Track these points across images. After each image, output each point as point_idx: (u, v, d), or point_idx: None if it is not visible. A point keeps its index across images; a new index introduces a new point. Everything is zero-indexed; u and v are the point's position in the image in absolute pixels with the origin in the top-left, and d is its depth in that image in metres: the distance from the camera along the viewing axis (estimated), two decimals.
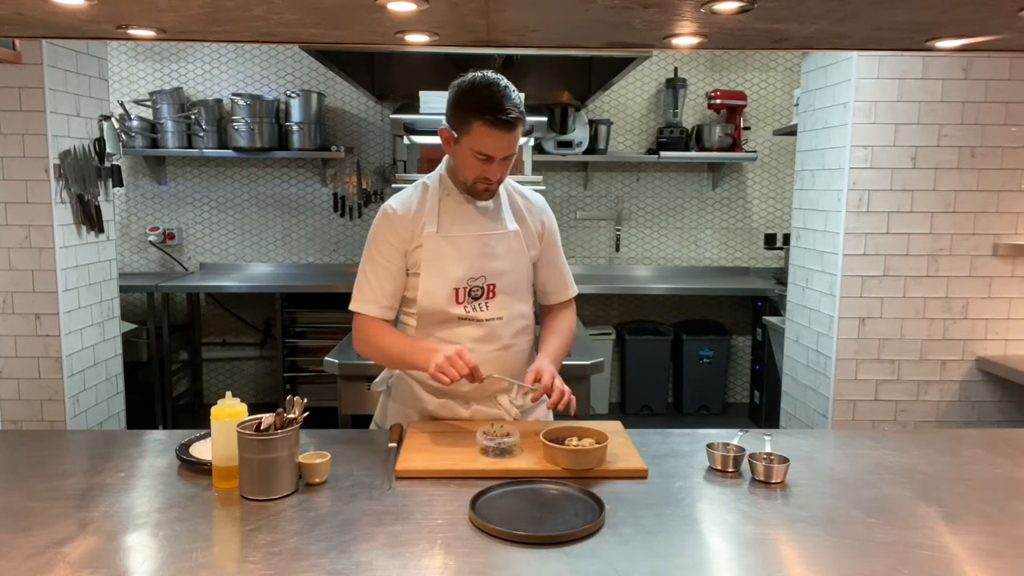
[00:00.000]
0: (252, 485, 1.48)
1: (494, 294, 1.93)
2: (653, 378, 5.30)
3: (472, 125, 1.77)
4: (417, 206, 1.92)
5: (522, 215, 1.99)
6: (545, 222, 2.04)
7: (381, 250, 1.92)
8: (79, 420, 3.38)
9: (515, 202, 2.00)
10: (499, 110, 1.75)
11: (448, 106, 1.84)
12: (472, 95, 1.79)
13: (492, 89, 1.78)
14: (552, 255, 2.06)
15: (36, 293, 3.22)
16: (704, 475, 1.65)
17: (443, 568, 1.23)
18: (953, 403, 3.32)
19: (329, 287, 4.89)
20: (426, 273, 1.90)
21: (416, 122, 4.02)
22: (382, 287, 1.92)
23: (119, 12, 1.40)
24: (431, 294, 1.90)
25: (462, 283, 1.90)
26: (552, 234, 2.06)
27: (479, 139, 1.78)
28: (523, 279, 1.98)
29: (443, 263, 1.89)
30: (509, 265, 1.94)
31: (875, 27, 1.45)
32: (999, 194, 3.20)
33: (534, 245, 2.01)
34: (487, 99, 1.76)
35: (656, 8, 1.30)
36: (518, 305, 1.97)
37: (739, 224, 5.56)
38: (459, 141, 1.82)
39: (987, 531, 1.40)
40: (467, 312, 1.92)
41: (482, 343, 1.92)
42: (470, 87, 1.81)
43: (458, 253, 1.89)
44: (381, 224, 1.94)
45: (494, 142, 1.78)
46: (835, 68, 3.30)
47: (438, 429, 1.88)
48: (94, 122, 3.47)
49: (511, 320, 1.95)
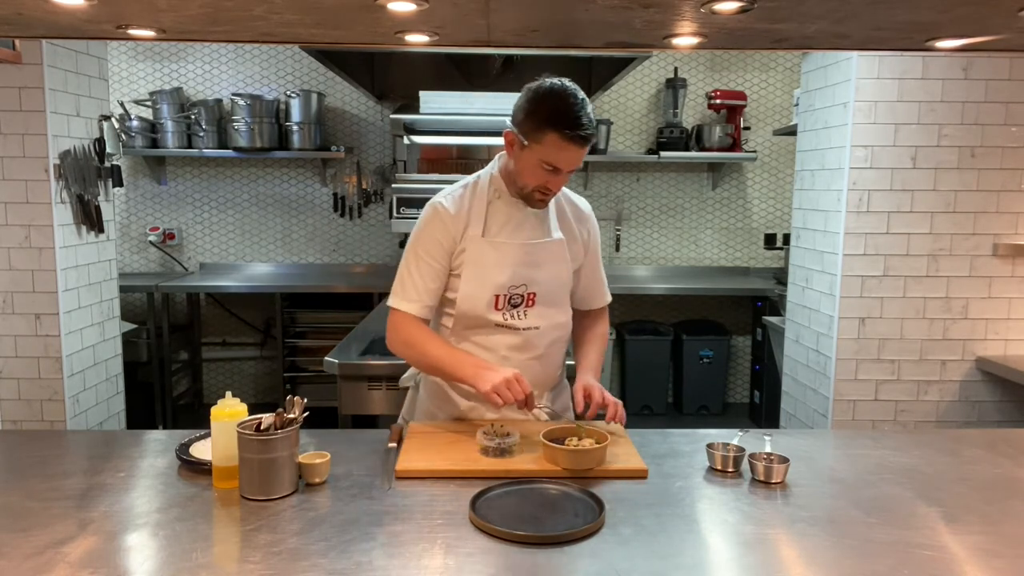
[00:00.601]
0: (252, 485, 1.48)
1: (533, 303, 1.90)
2: (653, 378, 5.30)
3: (546, 135, 1.71)
4: (467, 205, 1.87)
5: (569, 223, 1.95)
6: (592, 231, 2.01)
7: (428, 248, 1.86)
8: (79, 420, 3.38)
9: (563, 209, 1.96)
10: (577, 125, 1.69)
11: (519, 110, 1.77)
12: (549, 104, 1.72)
13: (570, 101, 1.71)
14: (593, 263, 2.04)
15: (36, 293, 3.22)
16: (704, 475, 1.65)
17: (443, 568, 1.23)
18: (953, 403, 3.32)
19: (329, 287, 4.90)
20: (468, 277, 1.85)
21: (416, 122, 4.03)
22: (426, 286, 1.86)
23: (119, 12, 1.40)
24: (471, 298, 1.86)
25: (503, 290, 1.86)
26: (596, 242, 2.03)
27: (551, 150, 1.72)
28: (563, 288, 1.95)
29: (486, 268, 1.85)
30: (550, 274, 1.91)
31: (875, 27, 1.45)
32: (999, 194, 3.20)
33: (578, 255, 1.97)
34: (565, 111, 1.70)
35: (656, 8, 1.30)
36: (556, 315, 1.95)
37: (739, 224, 5.56)
38: (527, 148, 1.75)
39: (987, 531, 1.40)
40: (504, 319, 1.89)
41: (517, 351, 1.90)
42: (548, 94, 1.73)
43: (502, 259, 1.85)
44: (432, 221, 1.87)
45: (566, 155, 1.73)
46: (835, 68, 3.30)
47: (438, 429, 1.88)
48: (94, 122, 3.47)
49: (548, 330, 1.93)
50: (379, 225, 5.42)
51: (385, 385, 2.67)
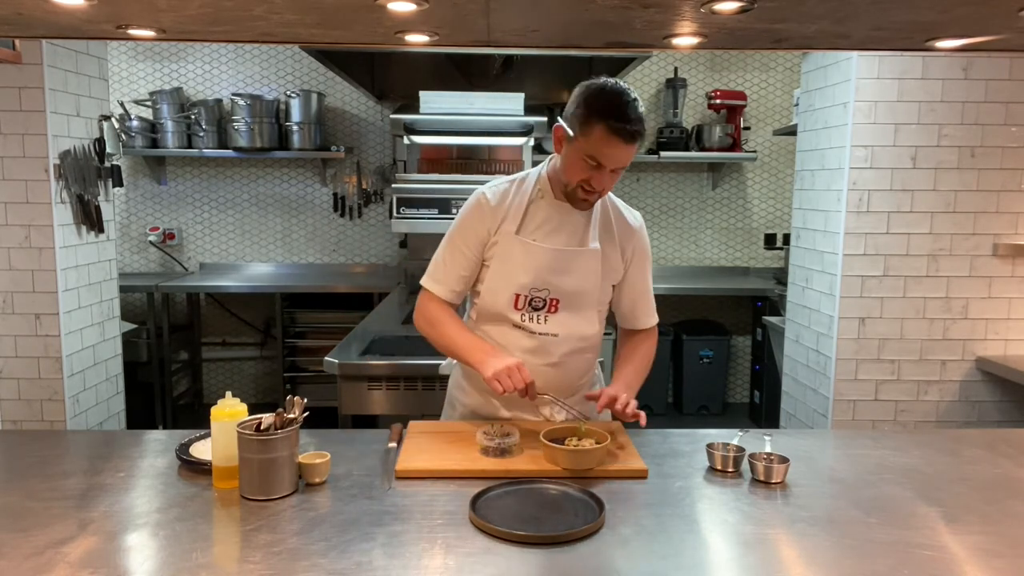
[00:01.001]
0: (252, 485, 1.48)
1: (556, 309, 1.89)
2: (653, 378, 5.21)
3: (594, 127, 1.71)
4: (509, 199, 1.89)
5: (612, 235, 1.92)
6: (637, 247, 1.97)
7: (465, 236, 1.90)
8: (79, 420, 3.38)
9: (609, 220, 1.93)
10: (626, 119, 1.70)
11: (571, 104, 1.78)
12: (602, 98, 1.73)
13: (623, 98, 1.72)
14: (637, 280, 2.00)
15: (36, 293, 3.21)
16: (704, 475, 1.65)
17: (443, 568, 1.23)
18: (953, 403, 3.32)
19: (329, 287, 4.90)
20: (493, 271, 1.88)
21: (416, 122, 4.02)
22: (457, 272, 1.91)
23: (119, 12, 1.40)
24: (493, 291, 1.89)
25: (524, 290, 1.87)
26: (645, 258, 1.99)
27: (597, 143, 1.72)
28: (591, 299, 1.92)
29: (512, 266, 1.86)
30: (579, 284, 1.88)
31: (875, 27, 1.45)
32: (999, 194, 3.20)
33: (616, 268, 1.94)
34: (616, 106, 1.71)
35: (656, 8, 1.30)
36: (581, 326, 1.92)
37: (739, 224, 5.56)
38: (574, 140, 1.76)
39: (987, 531, 1.40)
40: (522, 321, 1.89)
41: (531, 354, 1.89)
42: (600, 89, 1.75)
43: (528, 260, 1.85)
44: (472, 210, 1.90)
45: (611, 150, 1.72)
46: (835, 68, 3.30)
47: (438, 429, 1.89)
48: (94, 122, 3.47)
49: (566, 339, 1.90)
50: (379, 225, 5.42)
51: (385, 385, 2.67)
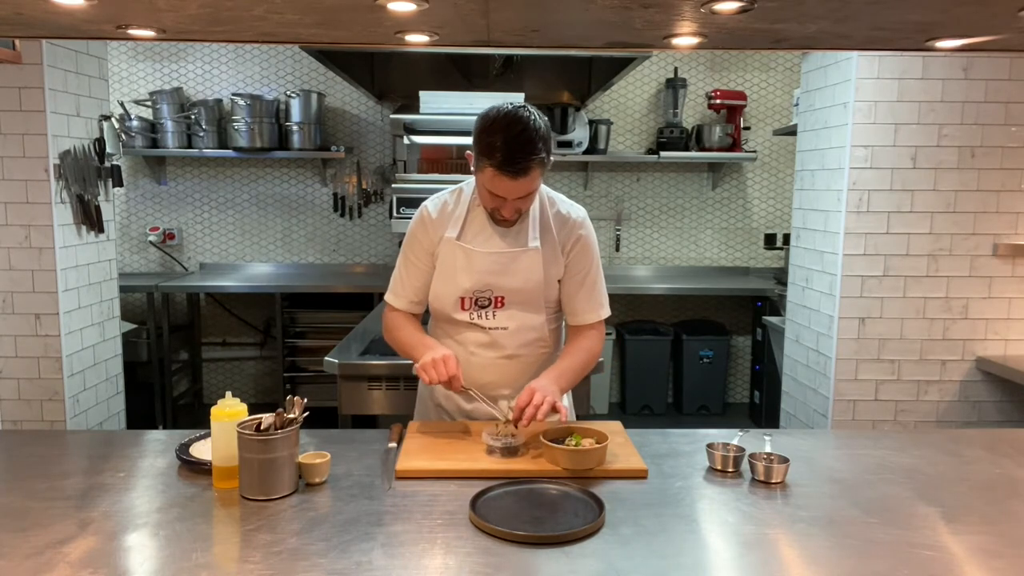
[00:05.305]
0: (252, 485, 1.48)
1: (502, 305, 1.94)
2: (653, 378, 5.30)
3: (484, 167, 1.76)
4: (450, 209, 1.95)
5: (550, 230, 1.93)
6: (577, 241, 1.95)
7: (414, 249, 1.98)
8: (79, 420, 3.37)
9: (547, 216, 1.95)
10: (509, 160, 1.71)
11: (473, 135, 1.80)
12: (486, 136, 1.74)
13: (509, 133, 1.71)
14: (579, 274, 1.97)
15: (36, 293, 3.21)
16: (704, 475, 1.65)
17: (443, 568, 1.23)
18: (953, 403, 3.32)
19: (329, 287, 4.90)
20: (437, 276, 1.96)
21: (416, 122, 4.03)
22: (412, 284, 2.00)
23: (119, 12, 1.40)
24: (439, 297, 1.97)
25: (468, 293, 1.93)
26: (583, 253, 1.96)
27: (490, 181, 1.77)
28: (537, 295, 1.94)
29: (454, 271, 1.92)
30: (521, 282, 1.92)
31: (875, 27, 1.45)
32: (999, 194, 3.20)
33: (555, 261, 1.94)
34: (498, 147, 1.71)
35: (656, 8, 1.30)
36: (529, 317, 1.96)
37: (739, 224, 5.56)
38: (476, 173, 1.83)
39: (987, 531, 1.40)
40: (471, 319, 1.95)
41: (486, 349, 1.96)
42: (489, 125, 1.75)
43: (469, 265, 1.91)
44: (417, 224, 1.98)
45: (504, 186, 1.75)
46: (835, 68, 3.30)
47: (438, 429, 1.89)
48: (94, 122, 3.47)
49: (518, 331, 1.96)
50: (379, 225, 5.42)
51: (385, 385, 2.67)
